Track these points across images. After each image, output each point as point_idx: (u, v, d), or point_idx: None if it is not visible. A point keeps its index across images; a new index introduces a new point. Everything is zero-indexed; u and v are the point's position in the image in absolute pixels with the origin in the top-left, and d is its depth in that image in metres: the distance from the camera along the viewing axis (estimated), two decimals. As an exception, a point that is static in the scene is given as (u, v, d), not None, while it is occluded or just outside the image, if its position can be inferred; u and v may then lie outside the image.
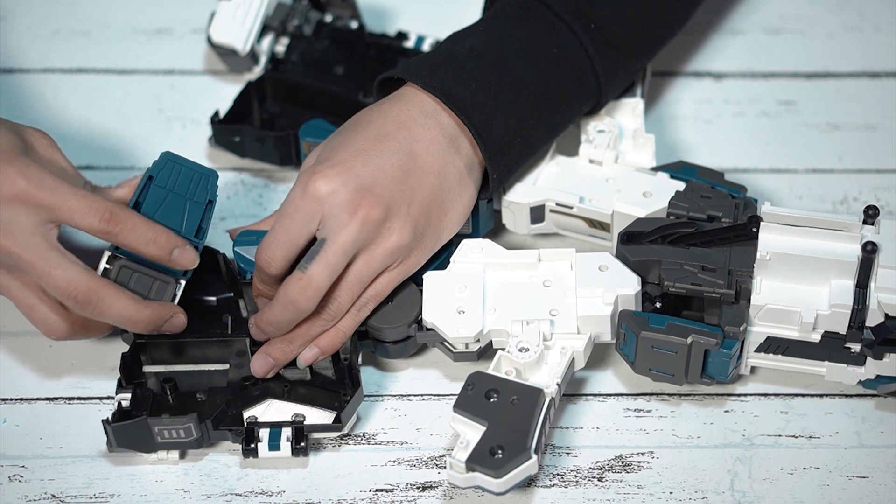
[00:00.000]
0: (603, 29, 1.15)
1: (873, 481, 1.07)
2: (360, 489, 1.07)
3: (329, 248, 1.05)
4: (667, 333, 1.06)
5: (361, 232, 1.05)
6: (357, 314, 1.08)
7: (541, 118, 1.13)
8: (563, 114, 1.15)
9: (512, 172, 1.13)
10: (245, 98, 1.24)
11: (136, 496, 1.07)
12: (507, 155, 1.11)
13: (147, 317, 1.06)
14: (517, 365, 1.06)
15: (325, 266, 1.05)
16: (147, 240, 1.05)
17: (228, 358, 1.10)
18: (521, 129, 1.12)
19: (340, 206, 1.05)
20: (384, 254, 1.07)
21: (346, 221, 1.05)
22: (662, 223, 1.10)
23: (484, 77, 1.11)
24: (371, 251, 1.07)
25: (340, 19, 1.30)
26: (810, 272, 1.05)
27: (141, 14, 1.37)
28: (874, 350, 1.06)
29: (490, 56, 1.12)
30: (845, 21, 1.37)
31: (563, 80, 1.14)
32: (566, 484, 1.07)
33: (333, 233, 1.05)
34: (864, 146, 1.28)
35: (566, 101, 1.14)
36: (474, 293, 1.09)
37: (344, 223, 1.05)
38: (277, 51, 1.29)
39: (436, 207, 1.09)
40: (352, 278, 1.07)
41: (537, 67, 1.13)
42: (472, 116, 1.09)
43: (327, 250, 1.05)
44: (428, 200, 1.09)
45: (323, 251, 1.05)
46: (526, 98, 1.12)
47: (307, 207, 1.05)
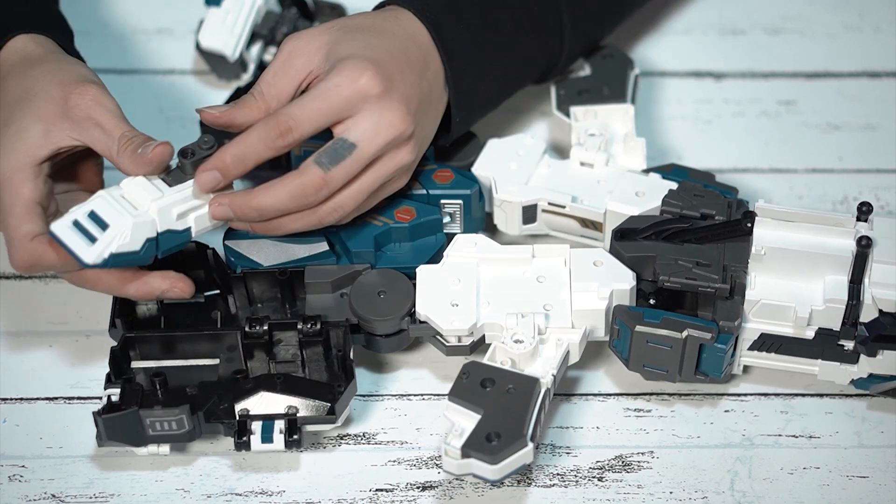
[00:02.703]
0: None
1: (873, 481, 1.07)
2: (360, 489, 1.07)
3: (357, 155, 1.06)
4: (662, 328, 1.06)
5: (389, 146, 1.07)
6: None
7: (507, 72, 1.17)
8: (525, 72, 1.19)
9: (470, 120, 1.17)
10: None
11: (136, 496, 1.07)
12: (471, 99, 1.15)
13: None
14: (512, 356, 1.06)
15: (346, 173, 1.06)
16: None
17: (219, 353, 1.10)
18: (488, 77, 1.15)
19: (383, 115, 1.06)
20: (394, 168, 1.09)
21: (381, 132, 1.06)
22: (656, 220, 1.10)
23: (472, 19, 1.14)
24: (384, 162, 1.08)
25: (329, 28, 1.30)
26: (805, 267, 1.06)
27: (141, 14, 1.37)
28: (868, 346, 1.06)
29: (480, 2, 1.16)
30: (845, 21, 1.37)
31: (534, 44, 1.18)
32: (566, 484, 1.07)
33: (366, 141, 1.06)
34: (864, 146, 1.28)
35: (533, 61, 1.19)
36: (468, 287, 1.10)
37: (379, 133, 1.06)
38: (266, 59, 1.29)
39: (428, 135, 1.12)
40: (360, 186, 1.08)
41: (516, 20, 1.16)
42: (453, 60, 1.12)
43: (355, 157, 1.06)
44: (428, 128, 1.12)
45: (351, 157, 1.05)
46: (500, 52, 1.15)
47: (351, 98, 1.06)
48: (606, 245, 1.15)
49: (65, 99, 1.07)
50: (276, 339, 1.10)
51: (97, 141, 1.06)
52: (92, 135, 1.06)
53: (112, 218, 1.05)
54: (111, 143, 1.06)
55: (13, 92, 1.08)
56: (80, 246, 1.04)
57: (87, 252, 1.04)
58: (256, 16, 1.28)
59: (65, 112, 1.06)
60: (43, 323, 1.16)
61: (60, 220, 1.05)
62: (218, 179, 1.06)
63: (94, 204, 1.05)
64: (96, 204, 1.05)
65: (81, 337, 1.15)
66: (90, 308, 1.17)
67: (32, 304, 1.17)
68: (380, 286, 1.11)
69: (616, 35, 1.34)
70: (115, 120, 1.07)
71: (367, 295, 1.10)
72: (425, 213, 1.14)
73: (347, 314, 1.11)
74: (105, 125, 1.06)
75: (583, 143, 1.19)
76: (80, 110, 1.06)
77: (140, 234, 1.05)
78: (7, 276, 1.19)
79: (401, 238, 1.14)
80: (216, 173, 1.06)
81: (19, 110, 1.07)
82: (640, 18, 1.36)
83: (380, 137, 1.06)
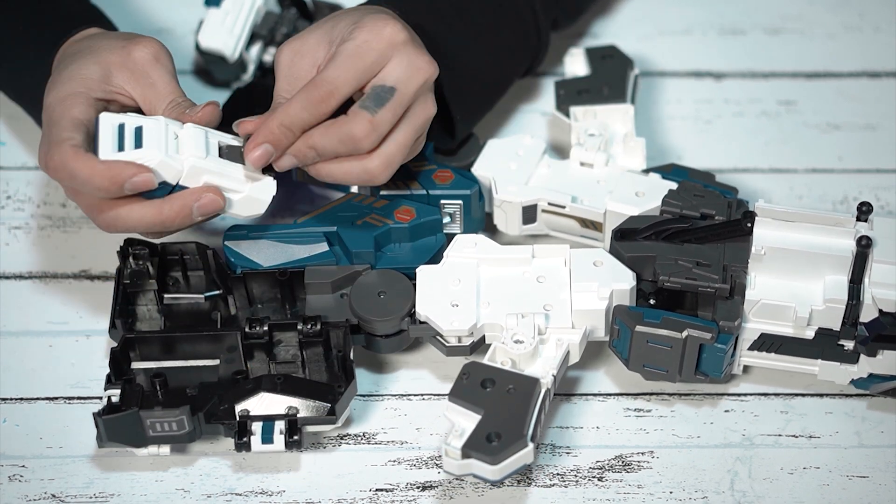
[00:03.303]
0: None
1: (873, 481, 1.07)
2: (360, 489, 1.07)
3: (398, 98, 1.06)
4: (662, 328, 1.06)
5: (422, 87, 1.08)
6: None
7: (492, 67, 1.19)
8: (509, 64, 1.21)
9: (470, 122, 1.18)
10: (234, 104, 1.24)
11: (136, 496, 1.07)
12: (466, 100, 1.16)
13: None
14: (512, 356, 1.06)
15: (392, 114, 1.06)
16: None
17: (219, 353, 1.10)
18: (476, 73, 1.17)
19: (412, 58, 1.07)
20: (426, 118, 1.09)
21: (414, 74, 1.07)
22: (656, 220, 1.11)
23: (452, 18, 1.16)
24: (416, 111, 1.08)
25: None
26: (805, 267, 1.06)
27: (141, 14, 1.37)
28: (868, 346, 1.06)
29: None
30: (845, 21, 1.37)
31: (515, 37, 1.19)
32: (566, 484, 1.07)
33: (403, 82, 1.06)
34: (864, 146, 1.28)
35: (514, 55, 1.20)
36: (468, 287, 1.10)
37: (413, 75, 1.07)
38: (266, 59, 1.29)
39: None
40: (403, 135, 1.08)
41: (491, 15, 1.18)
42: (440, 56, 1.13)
43: (397, 99, 1.06)
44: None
45: (394, 99, 1.06)
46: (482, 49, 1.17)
47: (381, 49, 1.06)
48: (606, 245, 1.15)
49: (128, 50, 1.08)
50: (276, 340, 1.10)
51: (146, 99, 1.08)
52: (144, 92, 1.08)
53: (150, 143, 1.05)
54: (159, 104, 1.08)
55: (74, 50, 1.10)
56: (107, 145, 1.05)
57: (107, 152, 1.05)
58: (256, 16, 1.28)
59: (125, 63, 1.08)
60: (43, 323, 1.16)
61: (113, 115, 1.06)
62: (270, 152, 1.06)
63: (146, 122, 1.06)
64: (148, 124, 1.06)
65: (81, 337, 1.16)
66: (90, 308, 1.17)
67: (32, 304, 1.17)
68: (380, 287, 1.11)
69: (616, 35, 1.34)
70: (170, 83, 1.09)
71: (367, 295, 1.10)
72: (425, 214, 1.14)
73: (347, 315, 1.11)
74: (158, 85, 1.08)
75: (583, 144, 1.19)
76: (140, 63, 1.08)
77: (162, 172, 1.05)
78: (7, 276, 1.19)
79: (401, 238, 1.14)
80: (268, 146, 1.06)
81: (80, 58, 1.09)
82: (640, 18, 1.37)
83: (415, 79, 1.07)
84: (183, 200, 1.06)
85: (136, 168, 1.04)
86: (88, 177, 1.04)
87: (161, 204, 1.06)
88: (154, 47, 1.09)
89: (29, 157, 1.26)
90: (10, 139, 1.27)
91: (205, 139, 1.07)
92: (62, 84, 1.07)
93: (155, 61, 1.08)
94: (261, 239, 1.14)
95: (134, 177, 1.04)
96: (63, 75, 1.08)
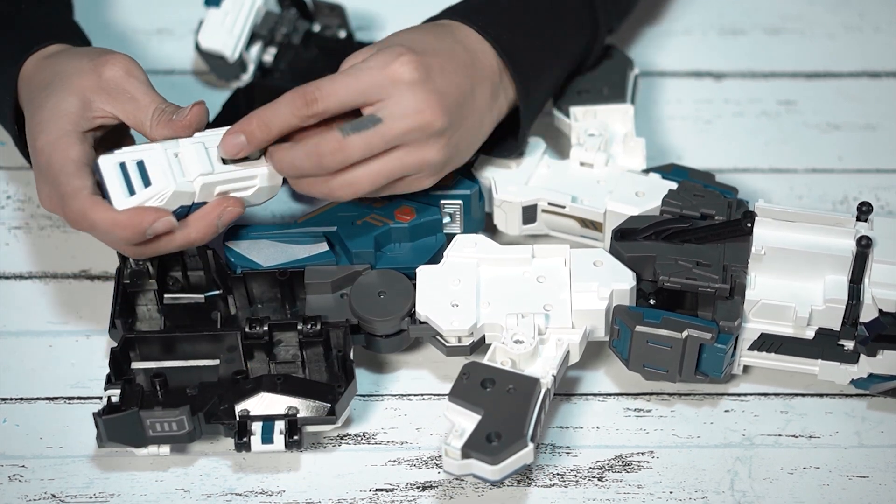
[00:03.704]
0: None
1: (873, 481, 1.07)
2: (360, 489, 1.07)
3: (380, 130, 1.05)
4: (662, 328, 1.06)
5: (414, 132, 1.06)
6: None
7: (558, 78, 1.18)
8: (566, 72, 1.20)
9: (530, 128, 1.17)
10: (234, 104, 1.24)
11: (136, 496, 1.07)
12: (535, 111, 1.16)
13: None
14: (512, 356, 1.06)
15: (365, 144, 1.05)
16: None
17: (219, 353, 1.10)
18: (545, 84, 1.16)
19: (412, 99, 1.06)
20: (417, 162, 1.08)
21: (408, 116, 1.06)
22: (656, 220, 1.11)
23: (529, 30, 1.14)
24: (408, 152, 1.07)
25: (329, 28, 1.30)
26: (805, 267, 1.06)
27: (141, 14, 1.37)
28: (868, 346, 1.06)
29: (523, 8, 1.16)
30: (845, 21, 1.37)
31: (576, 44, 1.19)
32: (566, 484, 1.07)
33: (392, 118, 1.06)
34: (864, 146, 1.28)
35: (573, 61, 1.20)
36: (468, 287, 1.10)
37: (406, 116, 1.06)
38: (265, 60, 1.29)
39: (466, 145, 1.11)
40: (379, 167, 1.07)
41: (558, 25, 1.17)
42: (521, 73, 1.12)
43: (377, 131, 1.05)
44: (467, 137, 1.11)
45: (373, 129, 1.05)
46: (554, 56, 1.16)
47: (380, 81, 1.06)
48: (606, 245, 1.15)
49: (98, 72, 1.08)
50: (276, 340, 1.10)
51: (129, 114, 1.07)
52: (125, 108, 1.07)
53: (157, 177, 1.05)
54: (144, 116, 1.07)
55: (44, 79, 1.09)
56: (117, 192, 1.05)
57: (120, 200, 1.05)
58: (256, 16, 1.28)
59: (99, 85, 1.07)
60: (43, 323, 1.16)
61: (110, 155, 1.06)
62: (242, 144, 1.06)
63: (145, 155, 1.06)
64: (147, 156, 1.06)
65: (81, 337, 1.16)
66: (90, 308, 1.17)
67: (32, 304, 1.17)
68: (380, 286, 1.11)
69: (616, 35, 1.34)
70: (149, 93, 1.08)
71: (367, 295, 1.10)
72: (425, 214, 1.14)
73: (347, 315, 1.11)
74: (139, 98, 1.08)
75: (582, 144, 1.19)
76: (114, 82, 1.08)
77: (177, 201, 1.06)
78: (7, 276, 1.19)
79: (401, 238, 1.14)
80: (241, 137, 1.06)
81: (54, 91, 1.08)
82: (640, 18, 1.37)
83: (406, 121, 1.06)
84: (206, 220, 1.07)
85: (155, 213, 1.05)
86: (110, 228, 1.05)
87: (187, 230, 1.07)
88: (123, 63, 1.08)
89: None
90: (10, 139, 1.27)
91: (205, 151, 1.07)
92: (47, 124, 1.07)
93: (128, 76, 1.08)
94: (261, 239, 1.14)
95: (154, 223, 1.05)
96: (44, 114, 1.07)
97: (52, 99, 1.07)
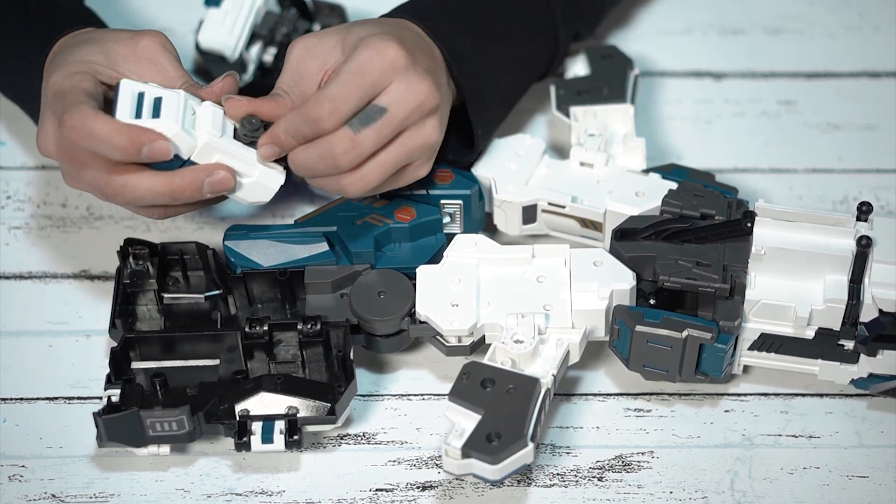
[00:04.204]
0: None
1: (873, 481, 1.07)
2: (360, 489, 1.07)
3: (388, 118, 1.06)
4: (662, 327, 1.06)
5: (415, 113, 1.07)
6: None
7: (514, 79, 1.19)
8: (529, 77, 1.21)
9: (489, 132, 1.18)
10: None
11: (136, 496, 1.07)
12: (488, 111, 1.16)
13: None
14: (512, 356, 1.06)
15: (377, 135, 1.06)
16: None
17: (219, 353, 1.10)
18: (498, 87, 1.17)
19: (411, 83, 1.07)
20: (420, 145, 1.09)
21: (410, 97, 1.07)
22: (656, 220, 1.11)
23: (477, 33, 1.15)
24: (410, 136, 1.08)
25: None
26: (805, 267, 1.06)
27: (141, 14, 1.37)
28: (868, 346, 1.06)
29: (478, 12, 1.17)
30: (845, 21, 1.37)
31: (534, 49, 1.19)
32: (566, 484, 1.07)
33: (397, 104, 1.06)
34: (864, 146, 1.28)
35: (535, 65, 1.20)
36: (468, 287, 1.10)
37: (408, 99, 1.07)
38: (266, 60, 1.29)
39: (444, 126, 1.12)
40: (386, 157, 1.08)
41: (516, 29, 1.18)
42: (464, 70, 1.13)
43: (385, 120, 1.06)
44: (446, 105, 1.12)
45: (382, 120, 1.06)
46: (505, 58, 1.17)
47: (383, 69, 1.06)
48: (606, 245, 1.15)
49: (135, 41, 1.09)
50: (276, 340, 1.10)
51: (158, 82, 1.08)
52: (154, 77, 1.08)
53: (167, 114, 1.05)
54: (173, 85, 1.08)
55: (79, 39, 1.11)
56: (125, 110, 1.05)
57: (124, 116, 1.05)
58: (256, 16, 1.28)
59: (133, 52, 1.08)
60: (43, 323, 1.16)
61: (133, 82, 1.07)
62: (277, 151, 1.07)
63: (165, 94, 1.07)
64: (168, 95, 1.07)
65: (81, 337, 1.16)
66: (90, 308, 1.17)
67: (32, 304, 1.17)
68: (380, 286, 1.11)
69: (615, 35, 1.34)
70: (179, 69, 1.09)
71: (367, 295, 1.11)
72: (425, 214, 1.14)
73: (347, 314, 1.11)
74: (169, 70, 1.08)
75: (582, 144, 1.19)
76: (148, 52, 1.09)
77: (176, 145, 1.05)
78: (7, 276, 1.19)
79: (401, 238, 1.14)
80: (274, 146, 1.07)
81: (85, 46, 1.09)
82: (640, 18, 1.37)
83: (409, 102, 1.07)
84: (195, 174, 1.06)
85: (155, 135, 1.04)
86: (108, 134, 1.04)
87: (172, 175, 1.06)
88: (160, 38, 1.10)
89: (29, 157, 1.26)
90: (10, 139, 1.27)
91: (222, 119, 1.07)
92: (67, 65, 1.07)
93: (163, 49, 1.09)
94: (261, 239, 1.14)
95: (153, 143, 1.04)
96: (67, 59, 1.08)
97: (80, 51, 1.08)
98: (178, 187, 1.06)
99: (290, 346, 1.10)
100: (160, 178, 1.06)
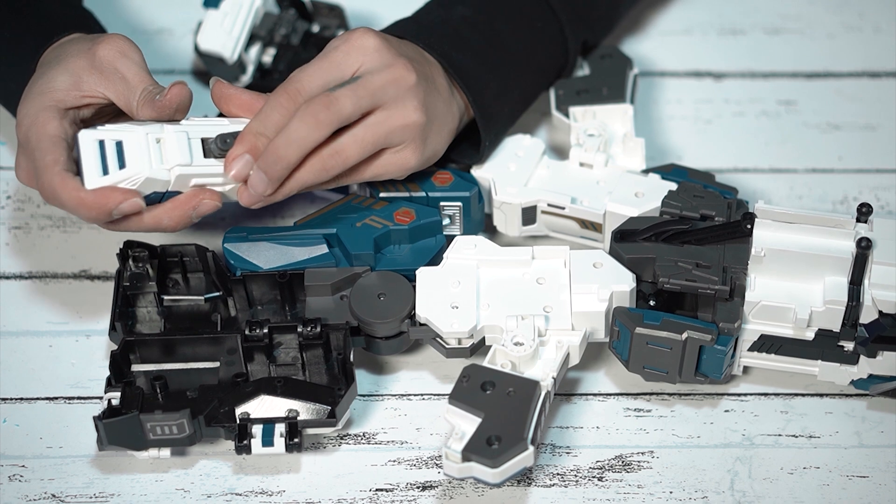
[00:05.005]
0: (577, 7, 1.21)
1: (873, 481, 1.07)
2: (360, 489, 1.07)
3: (360, 83, 1.07)
4: (662, 329, 1.06)
5: (392, 85, 1.08)
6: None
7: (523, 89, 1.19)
8: (538, 85, 1.21)
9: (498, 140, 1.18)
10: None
11: (136, 496, 1.07)
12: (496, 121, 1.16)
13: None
14: (512, 358, 1.06)
15: (352, 94, 1.07)
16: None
17: (219, 356, 1.10)
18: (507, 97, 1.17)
19: (382, 58, 1.09)
20: (400, 125, 1.09)
21: (381, 70, 1.08)
22: (656, 221, 1.11)
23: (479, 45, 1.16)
24: (389, 114, 1.08)
25: (328, 29, 1.31)
26: (805, 269, 1.06)
27: (141, 15, 1.37)
28: (868, 347, 1.06)
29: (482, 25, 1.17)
30: (845, 21, 1.37)
31: (542, 59, 1.20)
32: (566, 484, 1.08)
33: (369, 73, 1.08)
34: (864, 146, 1.28)
35: (544, 75, 1.21)
36: (468, 289, 1.10)
37: (380, 71, 1.08)
38: (265, 61, 1.29)
39: (440, 122, 1.12)
40: (363, 132, 1.08)
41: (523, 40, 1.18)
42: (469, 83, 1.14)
43: (359, 83, 1.07)
44: (440, 106, 1.12)
45: (356, 82, 1.07)
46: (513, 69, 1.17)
47: (347, 49, 1.08)
48: (606, 246, 1.15)
49: (92, 52, 1.08)
50: (276, 342, 1.10)
51: (119, 95, 1.08)
52: (116, 88, 1.08)
53: (133, 160, 1.05)
54: (132, 97, 1.07)
55: (51, 56, 1.11)
56: (91, 169, 1.05)
57: (93, 179, 1.04)
58: (255, 17, 1.28)
59: (92, 64, 1.08)
60: (43, 323, 1.16)
61: (91, 131, 1.06)
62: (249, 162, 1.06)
63: (126, 136, 1.06)
64: (127, 138, 1.06)
65: (81, 337, 1.16)
66: (90, 308, 1.17)
67: (32, 304, 1.17)
68: (379, 288, 1.11)
69: (615, 35, 1.34)
70: (140, 73, 1.08)
71: (366, 297, 1.11)
72: (425, 215, 1.14)
73: (347, 317, 1.11)
74: (128, 78, 1.08)
75: (582, 144, 1.19)
76: (107, 61, 1.08)
77: (150, 186, 1.05)
78: (7, 276, 1.19)
79: (400, 240, 1.14)
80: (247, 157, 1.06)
81: (50, 68, 1.09)
82: (640, 18, 1.37)
83: (381, 75, 1.08)
84: (181, 210, 1.07)
85: (123, 194, 1.04)
86: (75, 207, 1.05)
87: (160, 215, 1.06)
88: (119, 43, 1.09)
89: (29, 157, 1.26)
90: (11, 139, 1.27)
91: (187, 141, 1.07)
92: (32, 99, 1.07)
93: (121, 56, 1.08)
94: (260, 241, 1.14)
95: (121, 203, 1.04)
96: (34, 89, 1.08)
97: (45, 77, 1.08)
98: (168, 226, 1.07)
99: (290, 348, 1.10)
100: (149, 221, 1.06)
